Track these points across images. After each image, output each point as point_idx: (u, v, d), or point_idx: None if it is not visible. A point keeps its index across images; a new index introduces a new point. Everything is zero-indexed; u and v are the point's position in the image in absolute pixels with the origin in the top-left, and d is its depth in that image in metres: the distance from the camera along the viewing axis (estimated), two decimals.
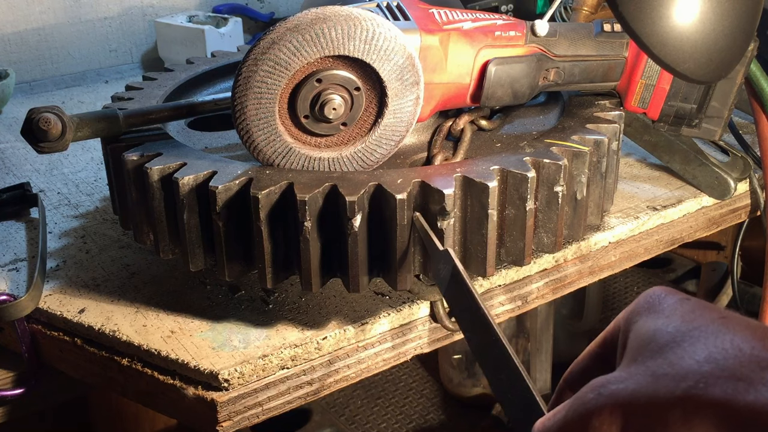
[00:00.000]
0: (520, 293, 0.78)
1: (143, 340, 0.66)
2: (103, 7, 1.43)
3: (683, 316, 0.36)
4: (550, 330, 1.44)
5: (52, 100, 1.31)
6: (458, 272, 0.55)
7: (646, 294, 0.39)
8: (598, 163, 0.72)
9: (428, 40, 0.69)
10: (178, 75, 0.88)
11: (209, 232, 0.66)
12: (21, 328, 0.71)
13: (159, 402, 0.67)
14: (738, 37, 0.61)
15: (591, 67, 0.77)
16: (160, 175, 0.66)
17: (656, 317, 0.37)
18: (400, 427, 1.50)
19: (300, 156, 0.67)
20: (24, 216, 0.90)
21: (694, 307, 0.37)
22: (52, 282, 0.76)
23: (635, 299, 0.40)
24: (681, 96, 0.79)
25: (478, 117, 0.77)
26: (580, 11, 0.88)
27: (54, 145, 0.67)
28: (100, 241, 0.83)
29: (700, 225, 0.93)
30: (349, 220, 0.61)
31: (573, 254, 0.80)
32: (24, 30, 1.37)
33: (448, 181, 0.62)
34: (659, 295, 0.39)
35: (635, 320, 0.38)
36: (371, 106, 0.68)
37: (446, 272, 0.56)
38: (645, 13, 0.58)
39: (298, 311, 0.70)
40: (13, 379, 0.73)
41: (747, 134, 0.99)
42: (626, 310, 0.40)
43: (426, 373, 1.62)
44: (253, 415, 0.65)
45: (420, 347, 0.73)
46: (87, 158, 1.05)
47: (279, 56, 0.62)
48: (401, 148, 0.73)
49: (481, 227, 0.64)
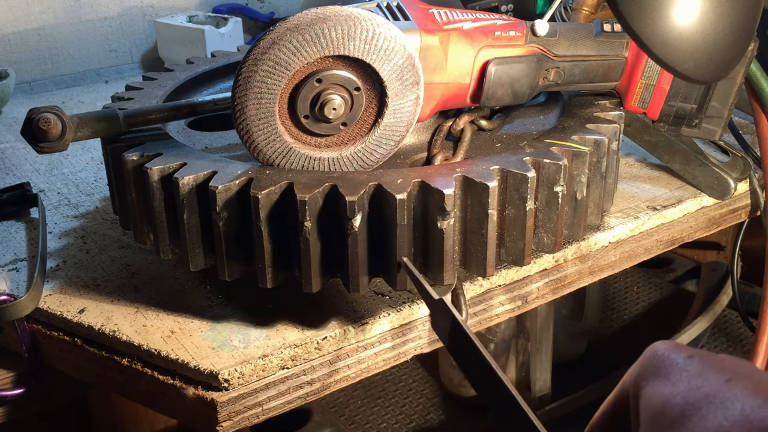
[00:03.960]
0: (520, 293, 0.78)
1: (143, 340, 0.66)
2: (103, 7, 1.43)
3: (690, 382, 0.37)
4: (550, 330, 1.44)
5: (52, 100, 1.31)
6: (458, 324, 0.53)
7: (650, 352, 0.40)
8: (598, 163, 0.72)
9: (428, 40, 0.69)
10: (178, 75, 0.88)
11: (209, 232, 0.66)
12: (21, 328, 0.71)
13: (159, 402, 0.67)
14: (738, 37, 0.61)
15: (591, 67, 0.77)
16: (160, 175, 0.66)
17: (663, 383, 0.37)
18: (400, 427, 1.50)
19: (300, 156, 0.67)
20: (24, 216, 0.90)
21: (699, 370, 0.37)
22: (52, 282, 0.76)
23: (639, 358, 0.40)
24: (681, 96, 0.79)
25: (478, 117, 0.77)
26: (580, 11, 0.88)
27: (54, 145, 0.67)
28: (100, 241, 0.83)
29: (700, 225, 0.93)
30: (349, 220, 0.61)
31: (573, 254, 0.80)
32: (24, 30, 1.37)
33: (448, 181, 0.62)
34: (663, 354, 0.39)
35: (643, 384, 0.39)
36: (371, 106, 0.68)
37: (445, 323, 0.55)
38: (645, 13, 0.58)
39: (298, 311, 0.70)
40: (13, 379, 0.73)
41: (747, 134, 0.99)
42: (633, 370, 0.40)
43: (426, 373, 1.62)
44: (253, 415, 0.65)
45: (420, 347, 0.73)
46: (87, 158, 1.05)
47: (279, 56, 0.62)
48: (401, 148, 0.73)
49: (481, 227, 0.64)
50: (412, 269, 0.60)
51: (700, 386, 0.36)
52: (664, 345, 0.40)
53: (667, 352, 0.39)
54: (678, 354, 0.39)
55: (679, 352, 0.39)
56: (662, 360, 0.39)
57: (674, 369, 0.38)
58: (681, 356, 0.38)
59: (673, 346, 0.39)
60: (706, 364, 0.37)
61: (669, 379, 0.37)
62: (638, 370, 0.40)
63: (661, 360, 0.39)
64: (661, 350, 0.39)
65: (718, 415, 0.34)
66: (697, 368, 0.37)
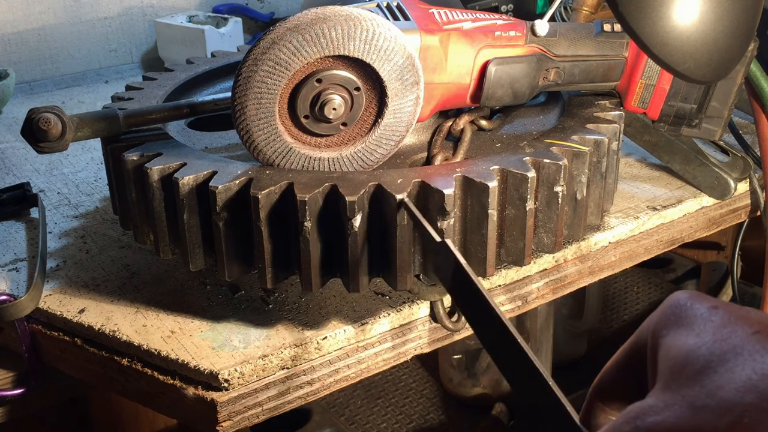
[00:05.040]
0: (520, 293, 0.78)
1: (143, 340, 0.66)
2: (103, 7, 1.43)
3: (715, 333, 0.35)
4: (550, 330, 1.44)
5: (52, 100, 1.31)
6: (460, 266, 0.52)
7: (671, 302, 0.38)
8: (598, 163, 0.72)
9: (428, 40, 0.69)
10: (178, 75, 0.88)
11: (209, 232, 0.66)
12: (21, 328, 0.71)
13: (159, 402, 0.67)
14: (738, 37, 0.61)
15: (591, 67, 0.77)
16: (160, 175, 0.66)
17: (686, 333, 0.36)
18: (400, 427, 1.50)
19: (300, 156, 0.67)
20: (24, 216, 0.90)
21: (725, 321, 0.35)
22: (52, 282, 0.76)
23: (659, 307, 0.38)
24: (681, 96, 0.79)
25: (478, 117, 0.77)
26: (580, 11, 0.88)
27: (54, 145, 0.67)
28: (100, 241, 0.83)
29: (700, 225, 0.93)
30: (349, 220, 0.61)
31: (573, 254, 0.80)
32: (24, 30, 1.37)
33: (448, 181, 0.62)
34: (686, 304, 0.37)
35: (663, 333, 0.37)
36: (371, 106, 0.68)
37: (446, 266, 0.54)
38: (645, 13, 0.58)
39: (298, 311, 0.70)
40: (13, 379, 0.73)
41: (747, 134, 0.99)
42: (651, 318, 0.38)
43: (426, 373, 1.62)
44: (253, 415, 0.65)
45: (420, 347, 0.73)
46: (87, 158, 1.05)
47: (279, 56, 0.62)
48: (401, 148, 0.73)
49: (481, 227, 0.64)
50: (413, 210, 0.59)
51: (726, 337, 0.34)
52: (686, 294, 0.38)
53: (689, 301, 0.37)
54: (702, 303, 0.37)
55: (702, 301, 0.37)
56: (685, 309, 0.37)
57: (698, 319, 0.36)
58: (705, 306, 0.36)
59: (696, 296, 0.37)
60: (732, 315, 0.35)
61: (693, 329, 0.35)
62: (658, 318, 0.37)
63: (683, 309, 0.37)
64: (683, 299, 0.37)
65: (746, 367, 0.32)
66: (722, 319, 0.35)
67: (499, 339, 0.46)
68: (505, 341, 0.45)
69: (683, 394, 0.33)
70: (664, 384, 0.35)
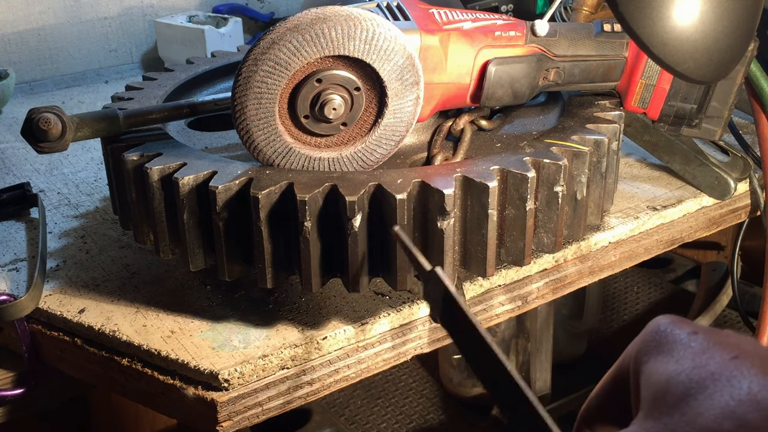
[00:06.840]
0: (520, 293, 0.78)
1: (143, 340, 0.66)
2: (103, 7, 1.43)
3: (694, 359, 0.35)
4: (550, 330, 1.44)
5: (52, 100, 1.31)
6: (451, 296, 0.50)
7: (652, 327, 0.38)
8: (598, 163, 0.72)
9: (428, 40, 0.69)
10: (178, 75, 0.88)
11: (209, 232, 0.66)
12: (21, 328, 0.71)
13: (159, 402, 0.67)
14: (738, 37, 0.61)
15: (591, 67, 0.77)
16: (160, 175, 0.66)
17: (666, 360, 0.36)
18: (400, 427, 1.50)
19: (300, 156, 0.67)
20: (24, 216, 0.90)
21: (704, 347, 0.35)
22: (52, 282, 0.76)
23: (641, 333, 0.38)
24: (681, 96, 0.79)
25: (478, 117, 0.77)
26: (580, 11, 0.88)
27: (54, 145, 0.67)
28: (100, 241, 0.83)
29: (700, 225, 0.93)
30: (349, 220, 0.61)
31: (573, 254, 0.80)
32: (24, 30, 1.37)
33: (448, 181, 0.62)
34: (666, 330, 0.37)
35: (645, 360, 0.37)
36: (371, 106, 0.68)
37: (437, 294, 0.52)
38: (645, 13, 0.58)
39: (298, 311, 0.70)
40: (13, 379, 0.73)
41: (747, 134, 0.99)
42: (633, 345, 0.38)
43: (426, 373, 1.62)
44: (253, 415, 0.65)
45: (420, 347, 0.73)
46: (87, 158, 1.05)
47: (279, 56, 0.62)
48: (401, 148, 0.73)
49: (481, 227, 0.64)
50: (404, 238, 0.59)
51: (705, 364, 0.34)
52: (667, 319, 0.38)
53: (669, 327, 0.37)
54: (681, 329, 0.37)
55: (682, 327, 0.37)
56: (665, 335, 0.37)
57: (677, 345, 0.36)
58: (684, 332, 0.37)
59: (676, 321, 0.37)
60: (711, 341, 0.36)
61: (672, 356, 0.36)
62: (639, 345, 0.38)
63: (663, 335, 0.37)
64: (663, 325, 0.37)
65: (724, 393, 0.33)
66: (701, 345, 0.35)
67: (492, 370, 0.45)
68: (498, 373, 0.44)
69: (665, 422, 0.34)
70: (646, 412, 0.35)
